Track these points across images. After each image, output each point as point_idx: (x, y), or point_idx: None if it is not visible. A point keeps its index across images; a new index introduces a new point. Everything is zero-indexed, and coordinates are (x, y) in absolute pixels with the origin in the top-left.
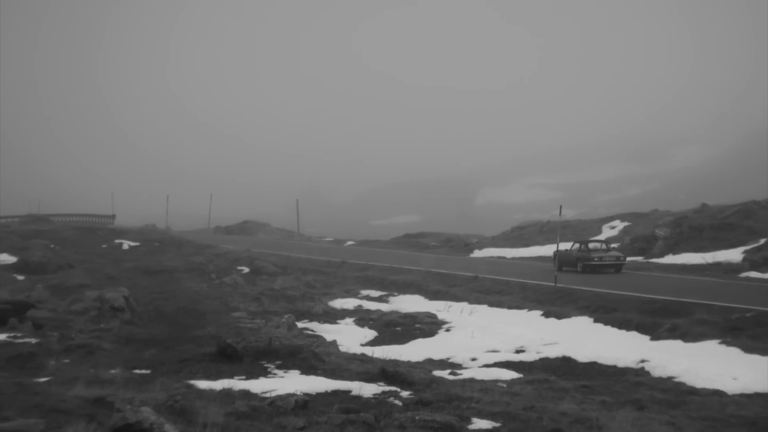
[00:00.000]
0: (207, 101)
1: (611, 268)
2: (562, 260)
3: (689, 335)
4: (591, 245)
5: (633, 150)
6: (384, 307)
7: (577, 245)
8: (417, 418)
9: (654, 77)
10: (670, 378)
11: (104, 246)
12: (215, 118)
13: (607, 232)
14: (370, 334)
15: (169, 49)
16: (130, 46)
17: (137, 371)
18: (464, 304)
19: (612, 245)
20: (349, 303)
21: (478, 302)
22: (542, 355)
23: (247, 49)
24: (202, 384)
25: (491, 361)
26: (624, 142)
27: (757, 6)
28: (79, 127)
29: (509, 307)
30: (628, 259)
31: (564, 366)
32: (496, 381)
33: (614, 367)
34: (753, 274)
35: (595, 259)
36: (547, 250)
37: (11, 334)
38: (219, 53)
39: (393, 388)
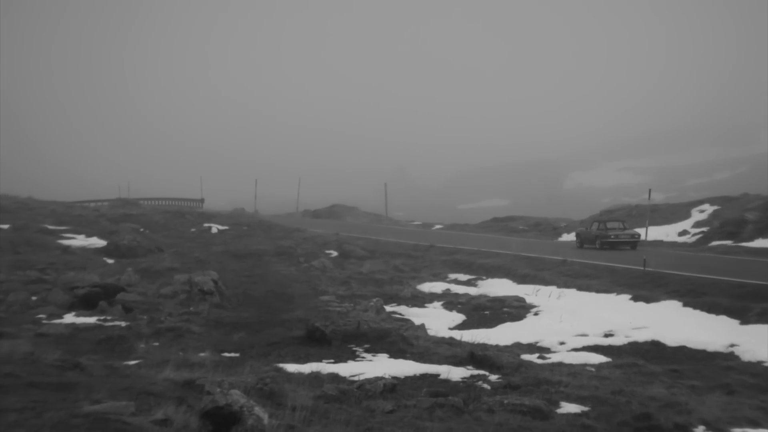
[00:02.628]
0: (297, 94)
1: (627, 245)
2: (583, 238)
3: None
4: (609, 224)
5: (722, 133)
6: (472, 290)
7: (596, 224)
8: (505, 401)
9: (742, 59)
10: (760, 362)
11: (193, 230)
12: (306, 110)
13: (696, 216)
14: (458, 317)
15: (255, 45)
16: (213, 41)
17: (226, 354)
18: (553, 288)
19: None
20: (437, 287)
21: (567, 286)
22: (631, 339)
23: (327, 39)
24: (291, 367)
25: (580, 345)
26: (713, 126)
27: None
28: (170, 112)
29: (598, 291)
30: (718, 243)
31: (653, 350)
32: (585, 365)
33: (703, 351)
34: None
35: (612, 236)
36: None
37: (101, 318)
38: (301, 47)
39: (481, 372)
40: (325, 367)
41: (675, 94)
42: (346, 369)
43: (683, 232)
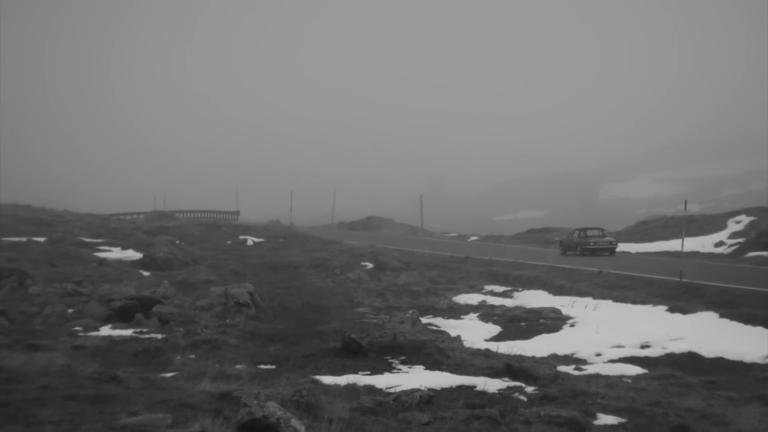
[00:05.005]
0: (330, 112)
1: (605, 251)
2: (565, 245)
3: None
4: (589, 232)
5: (759, 144)
6: (508, 302)
7: (577, 232)
8: (542, 413)
9: None
10: None
11: (229, 242)
12: (340, 126)
13: (732, 227)
14: (494, 329)
15: (284, 62)
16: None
17: (262, 366)
18: (589, 300)
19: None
20: (473, 298)
21: (603, 297)
22: (667, 351)
23: (357, 57)
24: (327, 379)
25: (616, 357)
26: (749, 136)
27: None
28: (203, 123)
29: (634, 303)
30: (754, 254)
31: (689, 361)
32: (622, 376)
33: (740, 362)
34: None
35: (591, 243)
36: (672, 245)
37: (138, 330)
38: (331, 64)
39: (518, 384)
40: (362, 379)
41: (711, 104)
42: (383, 381)
43: (719, 243)
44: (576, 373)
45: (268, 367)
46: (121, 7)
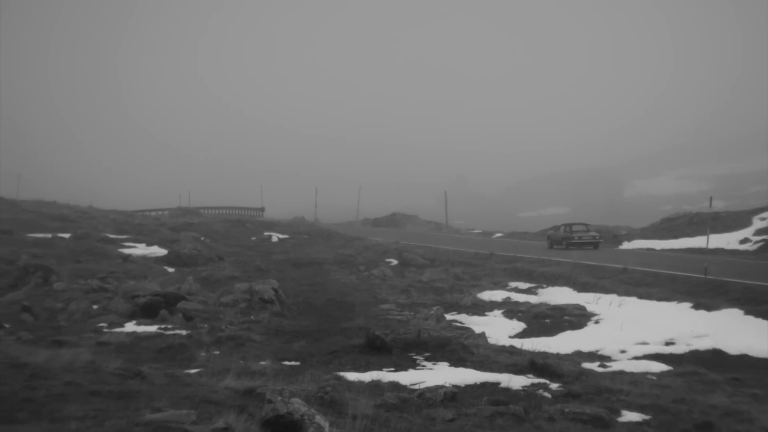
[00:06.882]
0: (358, 105)
1: (589, 245)
2: (552, 240)
3: None
4: (574, 227)
5: None
6: (532, 299)
7: (563, 227)
8: (566, 410)
9: None
10: None
11: (253, 238)
12: (366, 124)
13: (757, 224)
14: (519, 326)
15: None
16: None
17: (287, 363)
18: (613, 296)
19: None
20: (498, 295)
21: (628, 294)
22: (692, 348)
23: (389, 49)
24: (351, 376)
25: (640, 354)
26: None
27: None
28: (228, 124)
29: (659, 299)
30: None
31: (714, 358)
32: (646, 373)
33: (765, 359)
34: None
35: (576, 238)
36: (697, 242)
37: (162, 326)
38: (357, 63)
39: (542, 381)
40: (386, 376)
41: (736, 100)
42: (407, 377)
43: (744, 240)
44: (600, 370)
45: (293, 363)
46: (147, 7)
